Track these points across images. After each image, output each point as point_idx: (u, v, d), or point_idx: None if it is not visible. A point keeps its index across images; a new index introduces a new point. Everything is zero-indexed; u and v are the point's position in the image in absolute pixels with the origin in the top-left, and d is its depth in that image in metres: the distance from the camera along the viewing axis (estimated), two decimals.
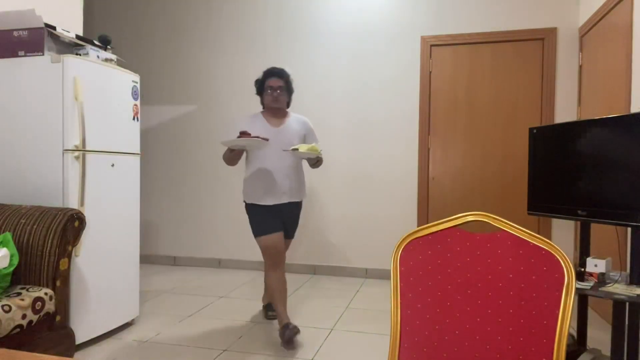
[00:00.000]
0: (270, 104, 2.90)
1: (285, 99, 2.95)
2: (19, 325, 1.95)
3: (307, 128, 2.99)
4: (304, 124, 2.99)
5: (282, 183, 2.83)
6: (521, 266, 1.07)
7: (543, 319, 1.02)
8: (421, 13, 4.36)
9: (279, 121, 2.92)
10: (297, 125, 2.94)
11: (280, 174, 2.83)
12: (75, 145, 2.53)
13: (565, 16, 4.04)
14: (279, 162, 2.83)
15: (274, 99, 2.88)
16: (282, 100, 2.91)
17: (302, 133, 2.94)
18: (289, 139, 2.86)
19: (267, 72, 2.95)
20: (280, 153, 2.82)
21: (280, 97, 2.90)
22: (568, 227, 4.05)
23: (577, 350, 2.39)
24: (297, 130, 2.92)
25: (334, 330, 3.00)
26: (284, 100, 2.94)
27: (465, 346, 1.10)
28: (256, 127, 2.84)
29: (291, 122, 2.94)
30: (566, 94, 4.03)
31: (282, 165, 2.83)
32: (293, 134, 2.89)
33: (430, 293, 1.16)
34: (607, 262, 2.08)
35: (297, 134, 2.90)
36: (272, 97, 2.88)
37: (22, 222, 2.26)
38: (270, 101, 2.90)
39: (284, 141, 2.84)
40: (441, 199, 4.32)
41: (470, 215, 1.14)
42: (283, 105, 2.94)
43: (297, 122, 2.96)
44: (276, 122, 2.91)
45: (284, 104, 2.95)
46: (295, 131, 2.91)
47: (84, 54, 2.71)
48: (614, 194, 2.01)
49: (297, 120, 2.98)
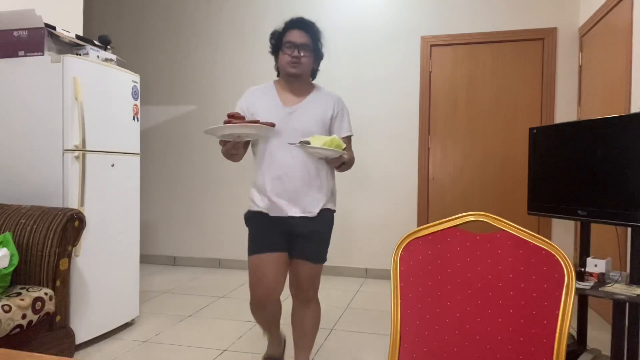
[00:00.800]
0: (287, 68, 1.99)
1: (310, 63, 2.04)
2: (19, 325, 1.94)
3: (337, 109, 2.07)
4: (333, 102, 2.07)
5: (292, 189, 1.98)
6: (521, 266, 1.07)
7: (543, 319, 1.02)
8: (421, 13, 4.36)
9: (295, 97, 2.04)
10: (320, 105, 2.04)
11: (291, 175, 1.97)
12: (75, 145, 2.53)
13: (565, 16, 4.04)
14: (289, 157, 1.97)
15: (292, 62, 1.97)
16: (304, 64, 2.00)
17: (325, 116, 2.03)
18: (304, 126, 1.97)
19: (290, 22, 2.06)
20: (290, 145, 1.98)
21: (303, 60, 1.98)
22: (568, 227, 4.05)
23: (577, 350, 2.39)
24: (319, 112, 2.02)
25: (334, 330, 3.00)
26: (308, 65, 2.02)
27: (465, 346, 1.10)
28: (262, 105, 2.01)
29: (314, 99, 2.05)
30: (566, 94, 4.03)
31: (295, 162, 1.97)
32: (311, 118, 2.00)
33: (430, 293, 1.16)
34: (607, 262, 2.08)
35: (317, 118, 2.01)
36: (290, 59, 1.97)
37: (22, 222, 2.26)
38: (287, 64, 1.98)
39: (297, 128, 1.97)
40: (441, 199, 4.32)
41: (470, 215, 1.14)
42: (305, 73, 2.04)
43: (322, 100, 2.06)
44: (292, 99, 2.03)
45: (307, 70, 2.04)
46: (316, 113, 2.01)
47: (84, 54, 2.71)
48: (614, 194, 2.01)
49: (324, 97, 2.08)
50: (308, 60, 2.01)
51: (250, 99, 2.05)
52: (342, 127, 2.08)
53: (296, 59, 1.97)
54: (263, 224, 2.01)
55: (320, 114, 2.02)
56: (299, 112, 2.00)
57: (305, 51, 1.99)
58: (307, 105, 2.02)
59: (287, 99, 2.03)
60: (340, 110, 2.09)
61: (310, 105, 2.02)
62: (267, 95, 2.04)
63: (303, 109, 2.01)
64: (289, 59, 1.98)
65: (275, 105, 2.00)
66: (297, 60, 1.97)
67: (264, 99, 2.03)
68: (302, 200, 1.98)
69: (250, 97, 2.06)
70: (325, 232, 2.07)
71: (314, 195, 2.01)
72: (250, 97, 2.06)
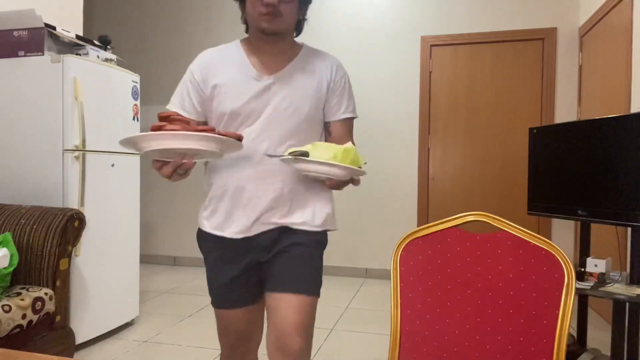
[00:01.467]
0: (259, 21, 1.28)
1: (294, 13, 1.31)
2: (19, 325, 1.94)
3: (337, 77, 1.39)
4: (330, 68, 1.40)
5: (268, 196, 1.29)
6: (521, 266, 1.07)
7: (543, 319, 1.02)
8: (421, 13, 4.36)
9: (274, 63, 1.34)
10: (313, 74, 1.37)
11: (267, 180, 1.30)
12: (75, 145, 2.53)
13: (565, 16, 4.04)
14: (264, 159, 1.29)
15: (266, 14, 1.26)
16: (286, 15, 1.28)
17: (320, 90, 1.36)
18: (289, 104, 1.31)
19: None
20: (267, 142, 1.29)
21: (283, 9, 1.27)
22: (568, 227, 4.05)
23: (577, 350, 2.39)
24: (310, 83, 1.35)
25: (334, 330, 3.00)
26: (291, 15, 1.30)
27: (465, 346, 1.10)
28: (226, 73, 1.32)
29: (301, 65, 1.36)
30: (566, 94, 4.03)
31: (272, 167, 1.30)
32: (299, 93, 1.32)
33: (430, 293, 1.16)
34: (607, 262, 2.08)
35: (309, 92, 1.34)
36: (263, 7, 1.25)
37: (22, 222, 2.26)
38: (259, 16, 1.27)
39: (279, 107, 1.30)
40: (441, 199, 4.32)
41: (470, 215, 1.14)
42: (287, 28, 1.33)
43: (314, 65, 1.38)
44: (269, 66, 1.34)
45: (290, 24, 1.33)
46: (305, 85, 1.34)
47: (84, 54, 2.71)
48: (614, 194, 2.01)
49: (317, 61, 1.40)
50: (290, 7, 1.26)
51: (208, 66, 1.33)
52: (341, 105, 1.38)
53: (272, 9, 1.23)
54: (223, 256, 1.36)
55: (313, 85, 1.34)
56: (280, 85, 1.30)
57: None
58: (292, 74, 1.33)
59: (263, 65, 1.32)
60: (341, 79, 1.39)
61: (296, 74, 1.33)
62: (232, 59, 1.33)
63: (287, 79, 1.31)
64: (261, 8, 1.24)
65: (244, 75, 1.30)
66: (274, 11, 1.23)
67: (227, 65, 1.32)
68: (284, 208, 1.31)
69: (208, 63, 1.34)
70: (315, 255, 1.35)
71: (304, 205, 1.34)
72: (207, 63, 1.34)
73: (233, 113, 1.30)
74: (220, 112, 1.31)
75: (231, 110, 1.29)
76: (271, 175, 1.30)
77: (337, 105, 1.39)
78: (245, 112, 1.29)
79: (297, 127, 1.31)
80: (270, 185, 1.29)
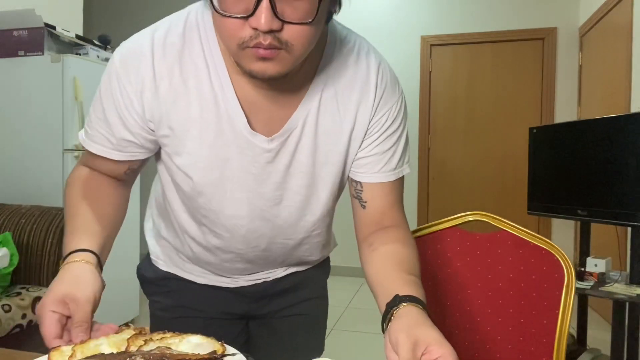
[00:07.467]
0: (243, 60, 0.66)
1: (314, 34, 0.68)
2: (19, 325, 1.94)
3: (382, 109, 0.85)
4: (370, 90, 0.84)
5: (257, 256, 0.94)
6: (521, 266, 1.07)
7: (543, 319, 1.02)
8: (421, 13, 4.35)
9: (280, 105, 0.77)
10: (339, 116, 0.80)
11: (258, 250, 0.93)
12: (75, 145, 2.53)
13: (565, 16, 4.04)
14: (253, 223, 0.87)
15: (259, 56, 0.64)
16: (294, 47, 0.64)
17: (351, 145, 0.84)
18: (303, 190, 0.87)
19: None
20: (260, 205, 0.85)
21: (289, 37, 0.63)
22: (568, 227, 4.05)
23: (577, 350, 2.39)
24: (336, 141, 0.81)
25: (334, 330, 3.00)
26: (308, 41, 0.66)
27: (466, 346, 1.10)
28: (188, 131, 0.77)
29: (325, 104, 0.79)
30: (566, 94, 4.03)
31: (264, 232, 0.89)
32: (324, 170, 0.85)
33: (430, 293, 1.16)
34: (607, 262, 2.08)
35: (334, 162, 0.84)
36: (253, 51, 0.64)
37: (22, 222, 2.26)
38: (250, 58, 0.65)
39: (287, 197, 0.87)
40: (441, 199, 4.32)
41: (470, 215, 1.14)
42: (296, 64, 0.68)
43: (345, 94, 0.80)
44: (271, 111, 0.77)
45: (302, 56, 0.68)
46: (332, 152, 0.82)
47: (84, 54, 2.71)
48: (614, 194, 2.01)
49: (349, 81, 0.82)
50: (305, 30, 0.65)
51: (152, 108, 0.78)
52: (386, 158, 0.89)
53: (268, 52, 0.64)
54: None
55: (340, 145, 0.83)
56: (288, 152, 0.80)
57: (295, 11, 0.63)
58: (314, 127, 0.79)
59: (261, 110, 0.77)
60: (390, 110, 0.87)
61: (321, 127, 0.80)
62: (206, 93, 0.76)
63: (304, 140, 0.80)
64: (253, 51, 0.64)
65: (232, 136, 0.77)
66: (271, 54, 0.64)
67: (192, 108, 0.76)
68: (278, 261, 1.00)
69: (153, 101, 0.78)
70: (319, 315, 1.10)
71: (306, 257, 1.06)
72: (151, 101, 0.78)
73: (196, 189, 0.82)
74: (175, 177, 0.84)
75: (196, 183, 0.81)
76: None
77: (379, 155, 0.87)
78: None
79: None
80: None
